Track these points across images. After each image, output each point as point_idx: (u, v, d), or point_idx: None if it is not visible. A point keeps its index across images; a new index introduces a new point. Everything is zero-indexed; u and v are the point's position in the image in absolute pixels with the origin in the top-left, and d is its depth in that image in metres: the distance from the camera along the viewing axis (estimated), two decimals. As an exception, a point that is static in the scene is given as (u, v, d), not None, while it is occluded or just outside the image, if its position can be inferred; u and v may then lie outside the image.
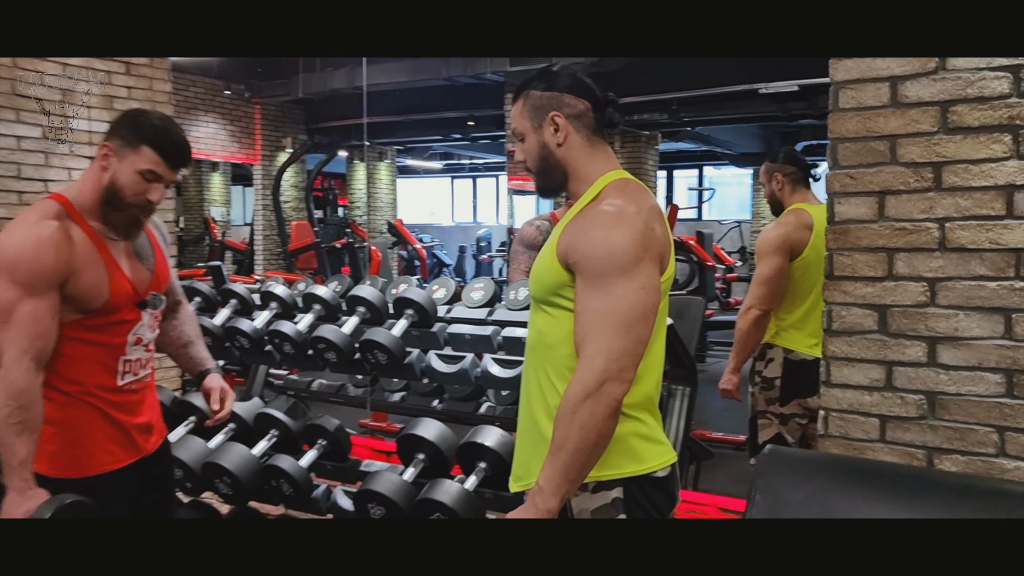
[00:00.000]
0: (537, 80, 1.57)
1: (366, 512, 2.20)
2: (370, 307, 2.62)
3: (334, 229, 10.64)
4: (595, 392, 1.36)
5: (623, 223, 1.42)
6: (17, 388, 1.70)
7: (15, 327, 1.71)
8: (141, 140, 1.78)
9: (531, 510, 1.42)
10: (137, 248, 1.95)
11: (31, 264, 1.72)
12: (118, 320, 1.88)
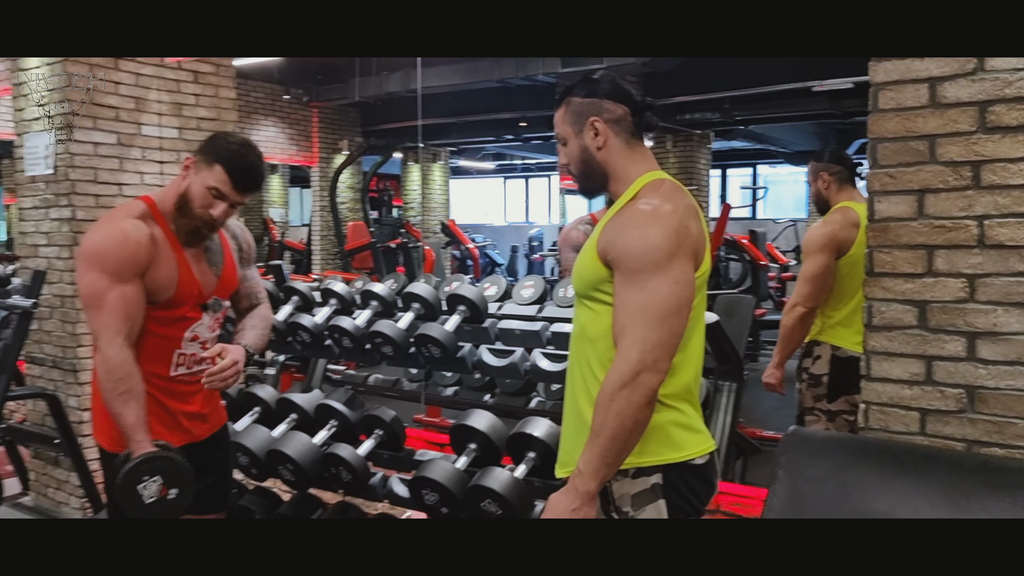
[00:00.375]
0: (578, 87, 1.66)
1: (420, 498, 2.31)
2: (424, 303, 2.73)
3: (389, 229, 10.83)
4: (631, 381, 1.43)
5: (658, 221, 1.49)
6: (114, 364, 1.91)
7: (107, 311, 1.91)
8: (216, 159, 1.97)
9: (571, 492, 1.50)
10: (209, 255, 2.14)
11: (117, 254, 1.92)
12: (179, 316, 2.07)
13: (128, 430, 1.93)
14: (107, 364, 1.93)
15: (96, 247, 1.95)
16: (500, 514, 2.15)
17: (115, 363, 1.92)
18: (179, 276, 2.04)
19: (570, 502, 1.49)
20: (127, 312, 1.94)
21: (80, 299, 2.01)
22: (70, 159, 3.78)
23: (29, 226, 4.05)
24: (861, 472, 0.89)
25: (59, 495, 4.09)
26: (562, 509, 1.50)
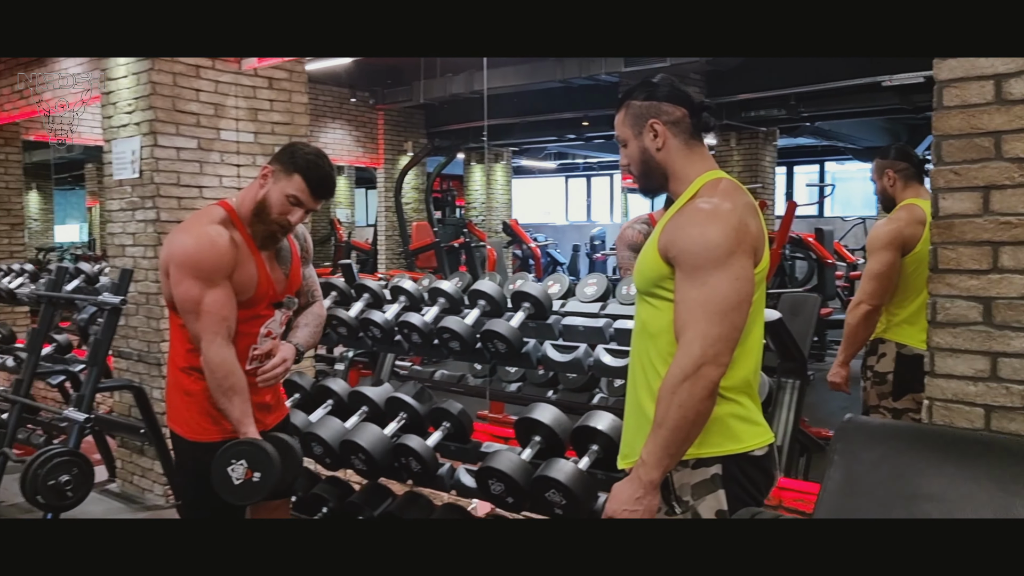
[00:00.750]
0: (637, 90, 1.72)
1: (487, 488, 2.39)
2: (490, 300, 2.81)
3: (452, 229, 10.98)
4: (693, 374, 1.48)
5: (717, 219, 1.54)
6: (215, 363, 2.08)
7: (205, 316, 2.08)
8: (295, 169, 2.12)
9: (635, 482, 1.56)
10: (280, 255, 2.29)
11: (208, 261, 2.08)
12: (255, 315, 2.22)
13: (235, 423, 2.11)
14: (209, 364, 2.09)
15: (188, 255, 2.10)
16: (564, 504, 2.22)
17: (216, 363, 2.09)
18: (258, 277, 2.20)
19: (633, 491, 1.55)
20: (222, 313, 2.10)
21: (178, 305, 2.14)
22: (155, 163, 3.99)
23: (116, 227, 4.28)
24: (914, 457, 0.93)
25: (143, 482, 4.31)
26: (626, 498, 1.56)
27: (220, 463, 2.06)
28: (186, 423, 2.24)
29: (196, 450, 2.20)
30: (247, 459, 2.05)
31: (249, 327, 2.21)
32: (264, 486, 2.05)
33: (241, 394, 2.11)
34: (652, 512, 1.56)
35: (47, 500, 3.54)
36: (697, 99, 1.71)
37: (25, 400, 4.26)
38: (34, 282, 5.18)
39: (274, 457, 2.05)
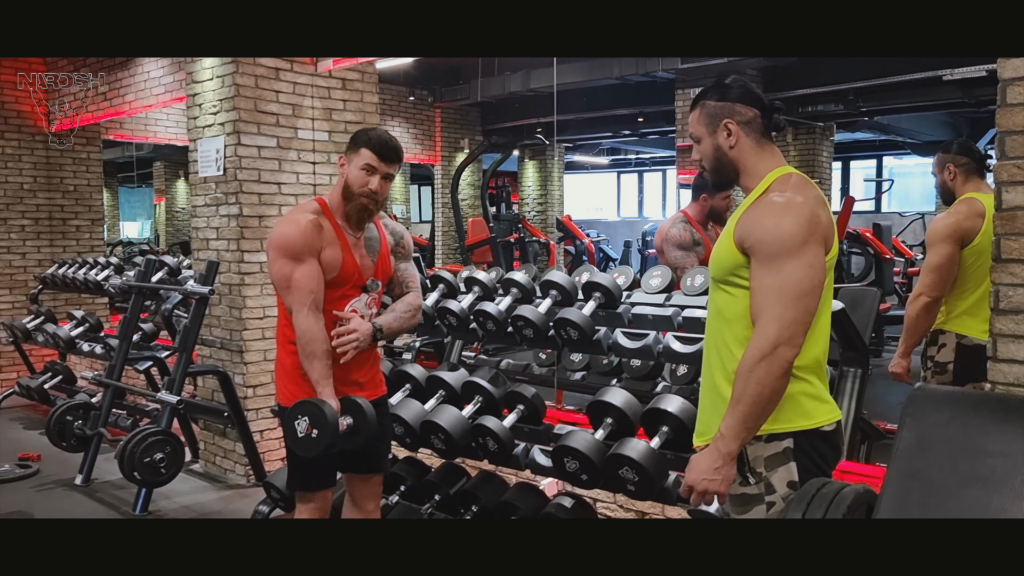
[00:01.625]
0: (712, 91, 1.84)
1: (562, 466, 2.53)
2: (561, 290, 2.96)
3: (507, 225, 11.14)
4: (769, 354, 1.61)
5: (791, 211, 1.66)
6: (301, 330, 2.33)
7: (295, 290, 2.34)
8: (360, 144, 2.42)
9: (714, 453, 1.69)
10: (368, 243, 2.54)
11: (295, 241, 2.35)
12: (341, 295, 2.46)
13: (314, 383, 2.35)
14: (297, 331, 2.35)
15: (278, 239, 2.39)
16: (637, 481, 2.35)
17: (302, 329, 2.35)
18: (343, 259, 2.44)
19: (712, 461, 1.68)
20: (310, 286, 2.35)
21: (273, 284, 2.44)
22: (238, 161, 4.22)
23: (201, 222, 4.53)
24: (979, 418, 1.04)
25: (225, 463, 4.56)
26: (705, 468, 1.69)
27: (290, 416, 2.32)
28: (282, 392, 2.50)
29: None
30: (309, 416, 2.28)
31: (337, 306, 2.44)
32: (320, 442, 2.26)
33: (322, 359, 2.34)
34: (728, 482, 1.69)
35: (143, 476, 3.81)
36: (768, 101, 1.82)
37: (118, 384, 4.55)
38: (119, 274, 5.48)
39: (331, 418, 2.25)
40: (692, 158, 1.96)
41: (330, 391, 2.33)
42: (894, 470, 1.07)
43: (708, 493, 1.69)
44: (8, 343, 6.43)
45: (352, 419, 2.34)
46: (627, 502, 3.16)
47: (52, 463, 4.75)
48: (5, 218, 6.69)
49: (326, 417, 2.25)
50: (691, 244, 4.02)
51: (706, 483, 1.69)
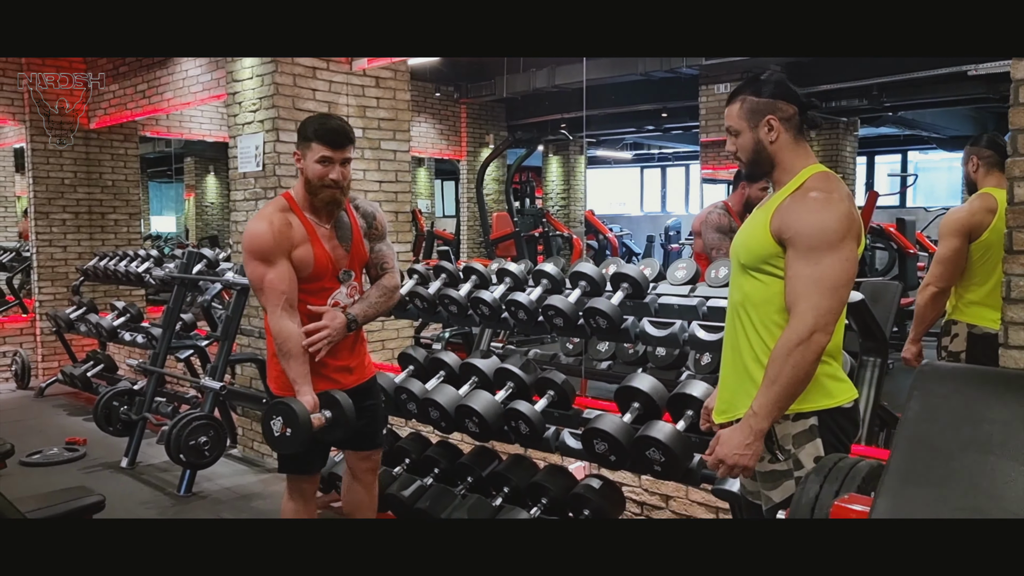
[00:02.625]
0: (753, 86, 1.93)
1: (591, 448, 2.66)
2: (590, 281, 3.08)
3: (531, 219, 11.26)
4: (806, 340, 1.72)
5: (832, 208, 1.77)
6: (275, 330, 2.45)
7: (267, 291, 2.46)
8: (310, 138, 2.47)
9: (745, 429, 1.79)
10: (339, 232, 2.62)
11: (265, 243, 2.44)
12: (320, 288, 2.58)
13: (292, 382, 2.47)
14: (273, 331, 2.48)
15: (249, 240, 2.48)
16: (663, 462, 2.48)
17: (276, 330, 2.47)
18: (315, 254, 2.53)
19: (744, 437, 1.79)
20: (281, 287, 2.46)
21: (249, 282, 2.60)
22: (276, 158, 4.38)
23: (240, 215, 4.70)
24: (981, 391, 1.15)
25: (263, 448, 4.73)
26: (736, 443, 1.80)
27: (266, 417, 2.43)
28: (273, 380, 2.65)
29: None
30: (283, 416, 2.39)
31: (317, 299, 2.56)
32: (294, 441, 2.37)
33: (297, 357, 2.44)
34: (757, 457, 1.80)
35: (188, 458, 3.99)
36: (805, 98, 1.91)
37: (163, 371, 4.73)
38: (159, 266, 5.68)
39: (302, 418, 2.34)
40: (727, 149, 2.02)
41: (308, 388, 2.44)
42: (901, 437, 1.18)
43: (737, 467, 1.81)
44: (51, 333, 6.66)
45: (331, 412, 2.45)
46: (652, 485, 3.28)
47: (98, 447, 4.96)
48: (47, 212, 6.92)
49: (298, 417, 2.34)
50: (727, 230, 4.16)
51: (736, 457, 1.79)
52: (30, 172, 6.87)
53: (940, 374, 1.20)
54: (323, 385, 2.55)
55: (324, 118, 2.53)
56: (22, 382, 6.83)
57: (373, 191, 4.72)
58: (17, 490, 3.79)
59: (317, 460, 2.68)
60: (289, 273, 2.46)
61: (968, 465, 1.11)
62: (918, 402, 1.17)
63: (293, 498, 2.68)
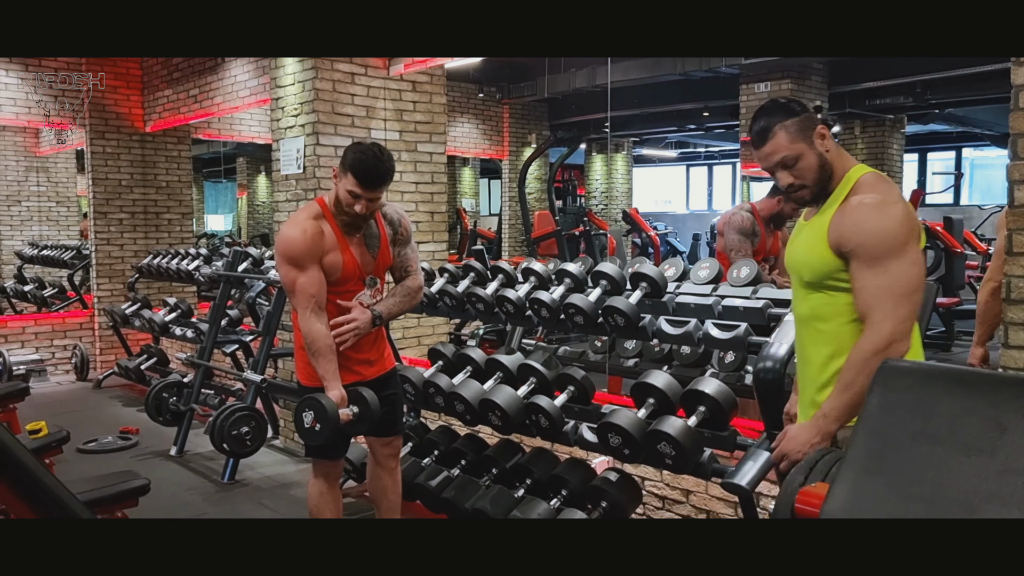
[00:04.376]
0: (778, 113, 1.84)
1: (606, 441, 2.75)
2: (611, 280, 3.17)
3: (572, 218, 11.34)
4: (884, 350, 1.69)
5: (888, 212, 1.73)
6: (305, 330, 2.63)
7: (299, 293, 2.63)
8: (348, 168, 2.60)
9: (814, 429, 1.80)
10: (368, 240, 2.80)
11: (299, 250, 2.61)
12: (346, 289, 2.75)
13: (322, 379, 2.65)
14: (302, 331, 2.65)
15: (283, 245, 2.65)
16: (674, 455, 2.56)
17: (305, 330, 2.64)
18: (343, 261, 2.71)
19: (811, 436, 1.80)
20: (311, 291, 2.63)
21: (281, 283, 2.75)
22: (316, 160, 4.55)
23: (282, 216, 4.89)
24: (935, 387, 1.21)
25: (304, 439, 4.91)
26: (804, 441, 1.80)
27: (298, 409, 2.62)
28: (301, 372, 2.83)
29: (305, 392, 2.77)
30: (314, 411, 2.57)
31: (344, 299, 2.74)
32: (322, 435, 2.56)
33: (326, 355, 2.62)
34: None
35: (231, 447, 4.18)
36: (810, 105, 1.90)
37: (209, 364, 4.95)
38: (207, 264, 5.92)
39: (331, 415, 2.52)
40: (783, 185, 1.88)
41: (336, 384, 2.62)
42: (860, 429, 1.26)
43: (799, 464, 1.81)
44: (108, 327, 6.98)
45: (357, 408, 2.64)
46: (672, 480, 3.36)
47: (149, 436, 5.21)
48: (105, 212, 7.25)
49: (327, 412, 2.53)
50: (750, 232, 4.21)
51: (799, 454, 1.78)
52: (90, 174, 7.20)
53: (898, 371, 1.27)
54: (347, 376, 2.73)
55: (367, 153, 2.58)
56: (81, 374, 7.16)
57: (409, 192, 4.88)
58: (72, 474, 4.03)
59: (341, 446, 2.88)
60: (319, 278, 2.63)
61: (917, 455, 1.18)
62: (877, 397, 1.25)
63: (318, 480, 2.89)
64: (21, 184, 9.38)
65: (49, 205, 9.70)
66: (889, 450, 1.22)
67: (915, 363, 1.42)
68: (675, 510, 3.37)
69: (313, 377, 2.71)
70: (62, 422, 4.80)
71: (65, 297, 8.03)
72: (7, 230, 9.43)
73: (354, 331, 2.69)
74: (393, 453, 3.02)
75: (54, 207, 9.70)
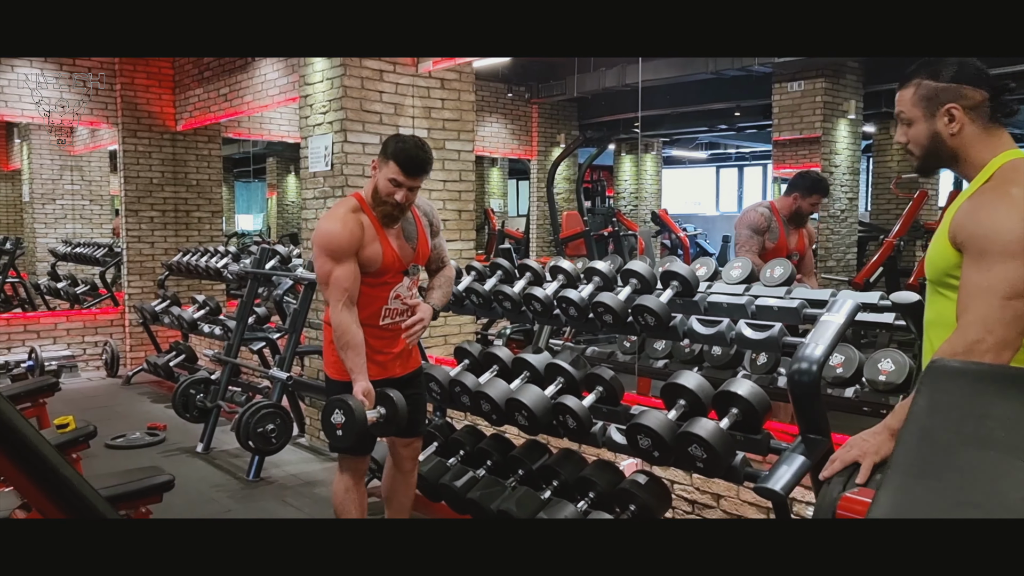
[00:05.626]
0: (931, 68, 1.66)
1: (636, 443, 2.69)
2: (641, 279, 3.11)
3: (601, 218, 11.27)
4: (961, 355, 1.46)
5: (1009, 205, 1.50)
6: (336, 323, 2.63)
7: (333, 286, 2.63)
8: (390, 157, 2.62)
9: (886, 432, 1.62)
10: (406, 231, 2.80)
11: (338, 243, 2.61)
12: (383, 281, 2.76)
13: (350, 372, 2.64)
14: (333, 323, 2.65)
15: (322, 237, 2.65)
16: (705, 458, 2.49)
17: (336, 323, 2.64)
18: (383, 252, 2.71)
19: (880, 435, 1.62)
20: (345, 285, 2.63)
21: (316, 275, 2.74)
22: (344, 158, 4.54)
23: (310, 213, 4.88)
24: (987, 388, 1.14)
25: (329, 437, 4.90)
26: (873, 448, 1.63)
27: (327, 410, 2.59)
28: (330, 365, 2.83)
29: (332, 385, 2.82)
30: (343, 413, 2.54)
31: (380, 291, 2.75)
32: (349, 436, 2.53)
33: (355, 349, 2.61)
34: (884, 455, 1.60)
35: (256, 444, 4.17)
36: (999, 81, 1.63)
37: (235, 361, 4.96)
38: (236, 262, 5.94)
39: (359, 419, 2.49)
40: (896, 139, 1.77)
41: (363, 377, 2.61)
42: (906, 431, 1.19)
43: None
44: (138, 324, 7.04)
45: (384, 410, 2.62)
46: (703, 484, 3.29)
47: (176, 432, 5.23)
48: (136, 210, 7.31)
49: (355, 415, 2.50)
50: (763, 229, 4.14)
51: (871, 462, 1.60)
52: (121, 172, 7.26)
53: (947, 371, 1.20)
54: (377, 372, 2.72)
55: (408, 142, 2.64)
56: (111, 370, 7.23)
57: (437, 190, 4.85)
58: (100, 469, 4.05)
59: (367, 443, 2.87)
60: (354, 271, 2.63)
61: (968, 459, 1.11)
62: (924, 398, 1.18)
63: (344, 476, 2.88)
64: (56, 182, 9.50)
65: (83, 203, 9.82)
66: (938, 454, 1.15)
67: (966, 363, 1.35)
68: (705, 514, 3.30)
69: (341, 371, 2.72)
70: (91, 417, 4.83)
71: (97, 294, 8.12)
72: (41, 227, 9.56)
73: (422, 328, 2.74)
74: (412, 455, 3.01)
75: (87, 205, 9.82)
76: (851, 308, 2.56)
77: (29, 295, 8.40)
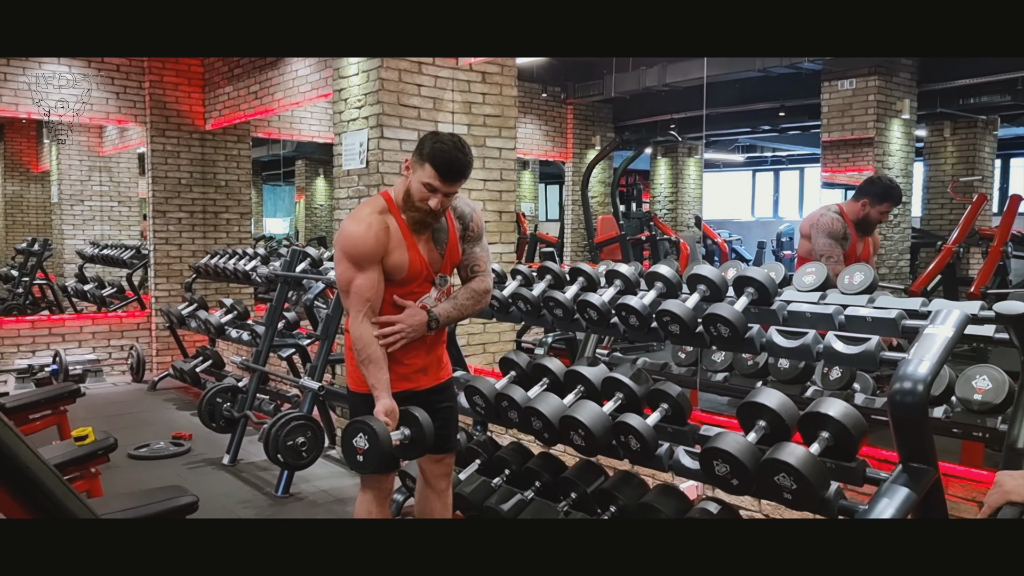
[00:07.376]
0: None
1: (711, 469, 2.39)
2: (710, 285, 2.81)
3: (637, 223, 10.96)
4: None
5: None
6: (356, 335, 2.37)
7: (353, 295, 2.37)
8: (426, 158, 2.32)
9: None
10: (436, 235, 2.51)
11: (362, 248, 2.35)
12: (409, 291, 2.48)
13: (372, 388, 2.38)
14: (353, 336, 2.39)
15: (345, 241, 2.38)
16: (794, 489, 2.19)
17: (356, 335, 2.38)
18: (409, 260, 2.44)
19: None
20: (367, 295, 2.37)
21: (336, 282, 2.48)
22: (380, 154, 4.29)
23: (343, 214, 4.64)
24: None
25: (362, 450, 4.64)
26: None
27: (349, 432, 2.32)
28: (349, 376, 2.57)
29: (354, 399, 2.54)
30: (366, 435, 2.29)
31: (406, 301, 2.46)
32: (371, 461, 2.28)
33: (377, 363, 2.37)
34: None
35: (286, 458, 3.93)
36: None
37: (264, 369, 4.72)
38: (265, 264, 5.72)
39: (383, 442, 2.25)
40: None
41: (386, 395, 2.36)
42: None
43: None
44: (165, 328, 6.85)
45: (409, 431, 2.38)
46: (773, 510, 2.99)
47: (202, 442, 5.00)
48: (164, 211, 7.13)
49: (378, 438, 2.26)
50: (841, 235, 3.85)
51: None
52: (149, 172, 7.09)
53: None
54: (397, 385, 2.47)
55: (447, 143, 2.35)
56: (137, 375, 7.05)
57: (477, 189, 4.58)
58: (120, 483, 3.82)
59: (393, 462, 2.61)
60: (377, 280, 2.39)
61: None
62: None
63: (367, 496, 2.64)
64: (84, 184, 9.38)
65: (111, 205, 9.70)
66: None
67: None
68: (777, 546, 2.99)
69: (362, 383, 2.47)
70: (115, 424, 4.62)
71: (124, 297, 7.96)
72: (70, 229, 9.44)
73: (400, 334, 2.43)
74: (445, 472, 2.75)
75: (116, 207, 9.69)
76: (959, 319, 2.26)
77: (56, 297, 8.27)
